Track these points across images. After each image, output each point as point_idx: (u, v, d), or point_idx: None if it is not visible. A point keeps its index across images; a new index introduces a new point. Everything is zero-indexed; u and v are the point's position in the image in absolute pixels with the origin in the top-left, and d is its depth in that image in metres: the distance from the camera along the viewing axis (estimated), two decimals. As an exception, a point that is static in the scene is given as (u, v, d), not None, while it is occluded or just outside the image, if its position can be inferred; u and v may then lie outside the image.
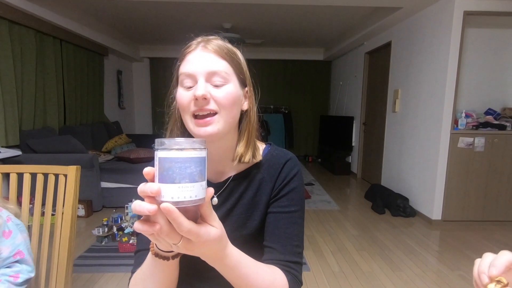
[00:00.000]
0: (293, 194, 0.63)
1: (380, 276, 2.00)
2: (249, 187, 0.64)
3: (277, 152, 0.67)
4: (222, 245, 0.44)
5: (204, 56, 0.55)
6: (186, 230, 0.36)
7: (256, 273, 0.51)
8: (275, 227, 0.61)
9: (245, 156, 0.60)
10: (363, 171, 4.80)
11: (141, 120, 6.47)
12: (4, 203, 0.94)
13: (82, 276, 1.95)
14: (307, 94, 6.48)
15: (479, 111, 3.04)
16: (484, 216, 2.91)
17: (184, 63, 0.56)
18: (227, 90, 0.55)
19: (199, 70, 0.54)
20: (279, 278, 0.55)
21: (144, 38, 5.35)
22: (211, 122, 0.54)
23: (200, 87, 0.53)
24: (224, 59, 0.56)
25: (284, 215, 0.61)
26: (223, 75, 0.55)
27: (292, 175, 0.63)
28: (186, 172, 0.35)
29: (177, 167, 0.35)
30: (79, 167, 1.03)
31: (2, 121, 2.81)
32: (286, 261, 0.58)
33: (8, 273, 0.87)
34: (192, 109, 0.54)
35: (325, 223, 2.93)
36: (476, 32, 3.00)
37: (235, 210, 0.63)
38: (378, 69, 4.29)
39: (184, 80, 0.55)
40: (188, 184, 0.35)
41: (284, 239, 0.60)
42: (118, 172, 3.21)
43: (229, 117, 0.56)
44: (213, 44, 0.56)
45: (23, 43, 3.07)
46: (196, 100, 0.53)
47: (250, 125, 0.62)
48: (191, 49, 0.56)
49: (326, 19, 4.14)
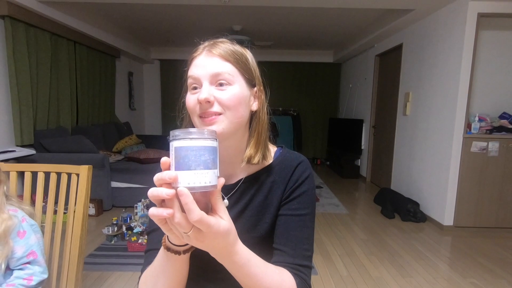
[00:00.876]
0: (304, 197, 0.62)
1: (389, 282, 1.96)
2: (260, 189, 0.63)
3: (289, 155, 0.67)
4: (231, 240, 0.45)
5: (208, 60, 0.56)
6: (197, 218, 0.37)
7: (265, 273, 0.51)
8: (285, 230, 0.61)
9: (254, 157, 0.60)
10: (372, 174, 4.74)
11: (151, 121, 6.55)
12: (20, 204, 0.96)
13: (92, 274, 1.98)
14: (316, 97, 6.44)
15: (493, 115, 2.97)
16: (497, 222, 2.83)
17: (191, 67, 0.58)
18: (231, 92, 0.56)
19: (203, 73, 0.55)
20: (288, 280, 0.55)
21: (155, 40, 5.43)
22: (216, 121, 0.55)
23: (204, 90, 0.54)
24: (228, 61, 0.57)
25: (295, 218, 0.61)
26: (226, 77, 0.56)
27: (304, 178, 0.63)
28: (201, 160, 0.37)
29: (193, 154, 0.37)
30: (91, 167, 1.05)
31: (18, 120, 2.89)
32: (295, 264, 0.58)
33: (21, 276, 0.88)
34: (198, 112, 0.56)
35: (333, 227, 2.90)
36: (490, 34, 2.94)
37: (246, 213, 0.63)
38: (388, 71, 4.24)
39: (191, 84, 0.57)
40: (203, 170, 0.37)
41: (294, 242, 0.60)
42: (128, 172, 3.26)
43: (235, 118, 0.56)
44: (218, 48, 0.57)
45: (39, 45, 3.16)
46: (200, 103, 0.54)
47: (260, 125, 0.62)
48: (197, 54, 0.58)
49: (336, 21, 4.12)
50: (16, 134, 2.90)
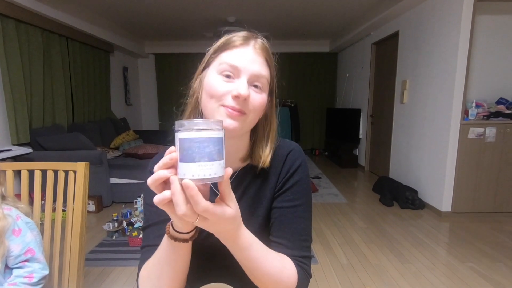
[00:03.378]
0: (298, 187, 0.62)
1: (388, 269, 1.99)
2: (253, 181, 0.63)
3: (281, 143, 0.66)
4: (236, 225, 0.45)
5: (254, 57, 0.56)
6: (202, 209, 0.38)
7: (266, 258, 0.52)
8: (281, 223, 0.60)
9: (266, 160, 0.61)
10: (370, 163, 4.76)
11: (148, 116, 6.51)
12: (15, 202, 0.96)
13: (94, 270, 1.99)
14: (313, 87, 6.41)
15: (490, 100, 2.97)
16: (495, 207, 2.86)
17: (231, 54, 0.55)
18: (262, 97, 0.57)
19: (247, 68, 0.54)
20: (289, 268, 0.55)
21: (149, 34, 5.36)
22: (240, 118, 0.54)
23: (245, 86, 0.53)
24: (269, 68, 0.58)
25: (290, 210, 0.61)
26: (263, 82, 0.57)
27: (296, 167, 0.62)
28: (205, 151, 0.37)
29: (196, 146, 0.36)
30: (88, 163, 1.04)
31: (13, 119, 2.86)
32: (294, 256, 0.58)
33: (21, 274, 0.88)
34: (225, 102, 0.53)
35: (333, 216, 2.93)
36: (486, 19, 2.91)
37: (239, 205, 0.63)
38: (385, 59, 4.21)
39: (225, 70, 0.55)
40: (207, 162, 0.37)
41: (290, 234, 0.60)
42: (127, 168, 3.25)
43: (253, 121, 0.57)
44: (264, 48, 0.58)
45: (30, 41, 3.10)
46: (237, 97, 0.52)
47: (272, 130, 0.63)
48: (240, 43, 0.56)
49: (331, 10, 4.07)
50: (11, 133, 2.88)
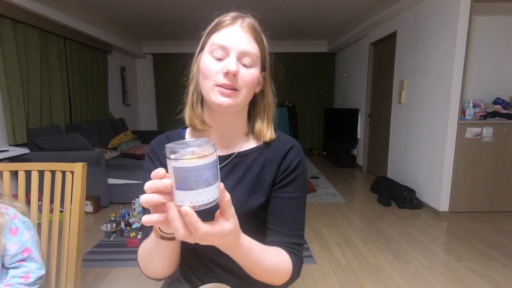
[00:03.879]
0: (298, 181, 0.66)
1: (386, 268, 2.00)
2: (253, 166, 0.66)
3: (283, 137, 0.70)
4: (235, 237, 0.47)
5: (241, 34, 0.58)
6: (202, 234, 0.39)
7: (265, 257, 0.55)
8: (281, 212, 0.65)
9: (263, 132, 0.66)
10: (368, 163, 4.78)
11: (146, 116, 6.50)
12: (12, 201, 0.95)
13: (92, 271, 1.98)
14: (311, 87, 6.42)
15: (487, 100, 2.99)
16: (492, 207, 2.88)
17: (219, 35, 0.58)
18: (252, 72, 0.59)
19: (234, 46, 0.57)
20: (284, 260, 0.60)
21: (146, 34, 5.34)
22: (233, 95, 0.57)
23: (233, 62, 0.56)
24: (257, 43, 0.60)
25: (290, 201, 0.65)
26: (253, 58, 0.59)
27: (297, 163, 0.67)
28: (202, 179, 0.36)
29: (193, 175, 0.35)
30: (85, 164, 1.04)
31: (10, 120, 2.85)
32: (290, 243, 0.63)
33: (18, 274, 0.87)
34: (218, 81, 0.57)
35: (331, 216, 2.93)
36: (484, 20, 2.93)
37: (238, 187, 0.65)
38: (383, 60, 4.23)
39: (215, 50, 0.58)
40: (204, 189, 0.36)
41: (289, 223, 0.64)
42: (125, 168, 3.24)
43: (246, 97, 0.61)
44: (250, 25, 0.60)
45: (27, 42, 3.09)
46: (227, 73, 0.56)
47: (268, 105, 0.67)
48: (228, 23, 0.59)
49: (329, 10, 4.07)
50: (8, 133, 2.86)
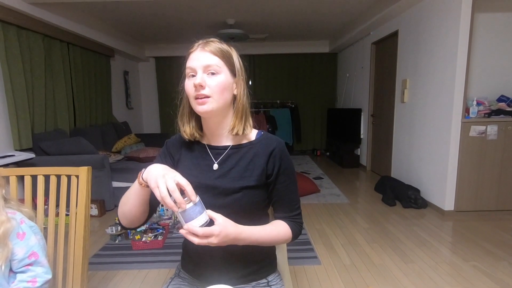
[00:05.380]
0: (286, 171, 0.84)
1: (392, 268, 1.99)
2: (244, 157, 0.83)
3: (269, 136, 0.87)
4: (233, 228, 0.70)
5: (202, 54, 0.76)
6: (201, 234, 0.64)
7: (265, 234, 0.78)
8: (280, 197, 0.85)
9: (235, 128, 0.81)
10: (372, 163, 4.76)
11: (149, 119, 6.53)
12: (19, 206, 0.96)
13: (98, 274, 2.00)
14: (314, 88, 6.42)
15: (491, 98, 2.96)
16: (498, 205, 2.85)
17: (189, 60, 0.77)
18: (217, 80, 0.75)
19: (198, 65, 0.75)
20: (283, 229, 0.83)
21: (149, 38, 5.38)
22: (206, 102, 0.75)
23: (198, 77, 0.74)
24: (217, 56, 0.76)
25: (284, 187, 0.84)
26: (215, 68, 0.75)
27: (280, 161, 0.83)
28: (196, 211, 0.64)
29: (191, 211, 0.64)
30: (90, 168, 1.05)
31: (15, 125, 2.88)
32: (291, 216, 0.86)
33: (25, 279, 0.88)
34: (193, 94, 0.75)
35: (335, 217, 2.92)
36: (486, 17, 2.91)
37: (232, 171, 0.83)
38: (385, 59, 4.22)
39: (188, 72, 0.77)
40: (199, 216, 0.65)
41: (287, 203, 0.86)
42: (129, 171, 3.26)
43: (220, 99, 0.76)
44: (209, 46, 0.76)
45: (32, 47, 3.13)
46: (195, 87, 0.74)
47: (240, 105, 0.82)
48: (193, 50, 0.78)
49: (330, 10, 4.08)
50: (14, 138, 2.90)
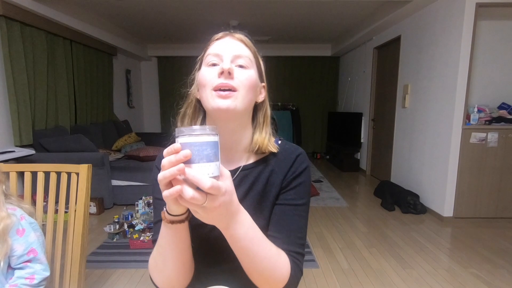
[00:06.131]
0: (301, 188, 0.64)
1: (390, 273, 1.98)
2: (259, 178, 0.65)
3: (288, 146, 0.69)
4: (237, 200, 0.48)
5: (232, 42, 0.61)
6: (210, 185, 0.40)
7: (264, 245, 0.54)
8: (280, 218, 0.63)
9: (263, 144, 0.63)
10: (372, 167, 4.75)
11: (150, 118, 6.54)
12: (19, 202, 0.96)
13: (95, 272, 1.99)
14: (315, 91, 6.43)
15: (492, 105, 2.97)
16: (497, 213, 2.85)
17: (212, 47, 0.61)
18: (249, 73, 0.60)
19: (226, 51, 0.59)
20: (284, 258, 0.57)
21: (152, 37, 5.39)
22: (231, 96, 0.56)
23: (227, 62, 0.58)
24: (249, 48, 0.62)
25: (290, 208, 0.63)
26: (247, 60, 0.60)
27: (302, 170, 0.65)
28: (204, 154, 0.41)
29: (196, 149, 0.40)
30: (91, 166, 1.05)
31: (16, 121, 2.88)
32: (289, 251, 0.60)
33: (23, 275, 0.88)
34: (214, 83, 0.57)
35: (334, 220, 2.92)
36: (488, 25, 2.92)
37: (245, 202, 0.63)
38: (387, 64, 4.22)
39: (210, 59, 0.60)
40: (205, 163, 0.41)
41: (288, 230, 0.62)
42: (128, 170, 3.26)
43: (247, 99, 0.59)
44: (241, 36, 0.63)
45: (35, 44, 3.13)
46: (222, 73, 0.56)
47: (266, 115, 0.67)
48: (219, 37, 0.63)
49: (333, 14, 4.09)
50: (15, 134, 2.90)
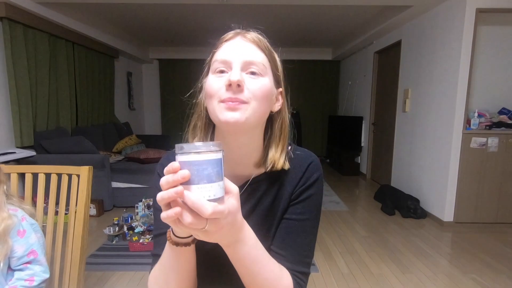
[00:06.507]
0: (310, 201, 0.59)
1: (390, 278, 1.97)
2: (268, 192, 0.59)
3: (300, 152, 0.62)
4: (241, 218, 0.44)
5: (243, 44, 0.53)
6: (211, 211, 0.36)
7: (268, 261, 0.51)
8: (286, 234, 0.58)
9: (278, 162, 0.56)
10: (372, 171, 4.75)
11: (151, 121, 6.55)
12: (20, 203, 0.96)
13: (94, 274, 1.99)
14: (316, 94, 6.44)
15: (493, 110, 2.97)
16: (497, 218, 2.84)
17: (220, 51, 0.53)
18: (262, 82, 0.52)
19: (236, 58, 0.51)
20: (287, 278, 0.54)
21: (153, 40, 5.42)
22: (240, 109, 0.49)
23: (236, 72, 0.50)
24: (263, 52, 0.54)
25: (297, 223, 0.58)
26: (260, 67, 0.52)
27: (312, 181, 0.59)
28: (204, 174, 0.36)
29: (195, 169, 0.36)
30: (91, 168, 1.05)
31: (17, 122, 2.89)
32: (293, 271, 0.56)
33: (22, 277, 0.88)
34: (222, 96, 0.50)
35: (334, 224, 2.91)
36: (489, 30, 2.93)
37: (252, 218, 0.59)
38: (387, 68, 4.24)
39: (217, 66, 0.52)
40: (206, 184, 0.36)
41: (293, 248, 0.57)
42: (129, 172, 3.26)
43: (259, 111, 0.52)
44: (253, 35, 0.54)
45: (37, 46, 3.15)
46: (229, 85, 0.49)
47: (284, 127, 0.59)
48: (229, 37, 0.54)
49: (334, 19, 4.11)
50: (16, 135, 2.90)
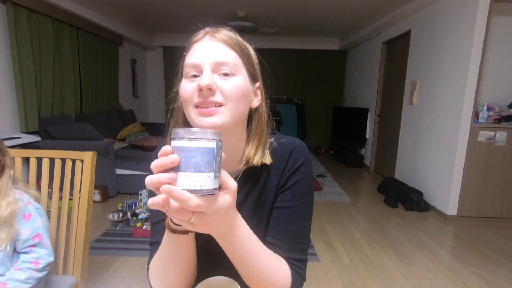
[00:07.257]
0: (298, 187, 0.59)
1: (391, 269, 1.98)
2: (256, 184, 0.60)
3: (284, 140, 0.62)
4: (233, 213, 0.43)
5: (212, 45, 0.51)
6: (194, 206, 0.35)
7: (264, 253, 0.50)
8: (278, 223, 0.58)
9: (253, 158, 0.57)
10: (376, 164, 4.73)
11: (155, 108, 6.54)
12: (25, 188, 0.97)
13: (98, 259, 2.02)
14: (321, 85, 6.36)
15: (502, 104, 2.91)
16: (502, 212, 2.82)
17: (190, 54, 0.53)
18: (235, 82, 0.51)
19: (205, 60, 0.50)
20: (284, 268, 0.54)
21: (158, 26, 5.36)
22: (216, 113, 0.49)
23: (206, 76, 0.49)
24: (234, 50, 0.52)
25: (287, 210, 0.58)
26: (231, 66, 0.51)
27: (298, 166, 0.59)
28: (191, 162, 0.35)
29: (183, 155, 0.35)
30: (95, 153, 1.05)
31: (22, 107, 2.90)
32: (289, 259, 0.56)
33: (28, 259, 0.90)
34: (195, 101, 0.50)
35: (336, 215, 2.92)
36: (501, 20, 2.84)
37: (241, 211, 0.58)
38: (395, 59, 4.15)
39: (188, 71, 0.52)
40: (192, 173, 0.35)
41: (287, 236, 0.57)
42: (132, 159, 3.28)
43: (236, 111, 0.51)
44: (222, 34, 0.53)
45: (41, 31, 3.12)
46: (201, 90, 0.49)
47: (261, 124, 0.58)
48: (198, 38, 0.53)
49: (342, 7, 4.01)
50: (21, 120, 2.92)
